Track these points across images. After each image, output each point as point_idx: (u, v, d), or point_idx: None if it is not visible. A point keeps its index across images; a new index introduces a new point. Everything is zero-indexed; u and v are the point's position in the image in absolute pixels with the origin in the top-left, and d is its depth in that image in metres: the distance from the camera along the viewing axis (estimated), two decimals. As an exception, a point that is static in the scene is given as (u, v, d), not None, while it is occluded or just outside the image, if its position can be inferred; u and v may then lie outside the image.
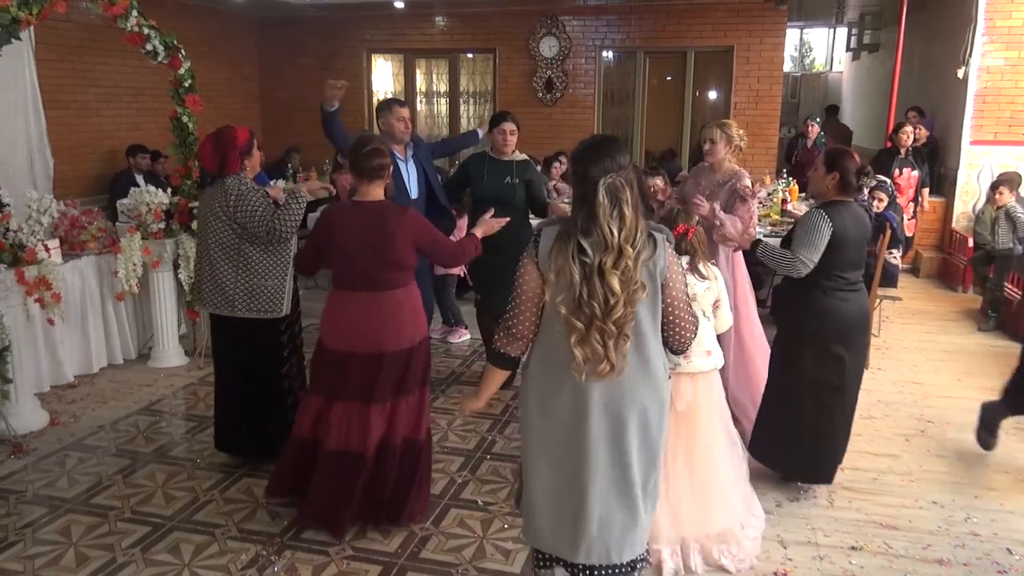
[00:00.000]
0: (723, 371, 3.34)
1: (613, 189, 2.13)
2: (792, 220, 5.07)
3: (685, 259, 3.01)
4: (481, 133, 5.36)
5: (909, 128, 7.25)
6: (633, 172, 2.19)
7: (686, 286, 2.31)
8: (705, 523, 3.06)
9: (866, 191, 5.71)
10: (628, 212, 2.14)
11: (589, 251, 2.13)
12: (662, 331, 2.28)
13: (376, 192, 3.21)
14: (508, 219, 3.73)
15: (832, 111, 12.37)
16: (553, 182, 7.67)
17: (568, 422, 2.25)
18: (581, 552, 2.30)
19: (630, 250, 2.13)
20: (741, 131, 4.26)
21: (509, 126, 4.71)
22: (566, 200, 5.47)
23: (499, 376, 2.44)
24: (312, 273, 3.57)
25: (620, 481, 2.27)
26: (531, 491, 2.36)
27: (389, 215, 3.16)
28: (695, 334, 2.36)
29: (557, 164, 7.93)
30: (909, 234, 7.05)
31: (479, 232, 3.55)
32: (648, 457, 2.29)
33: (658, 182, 4.98)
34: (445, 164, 8.56)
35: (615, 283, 2.11)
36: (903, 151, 7.25)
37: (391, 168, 3.27)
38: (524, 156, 4.82)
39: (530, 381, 2.33)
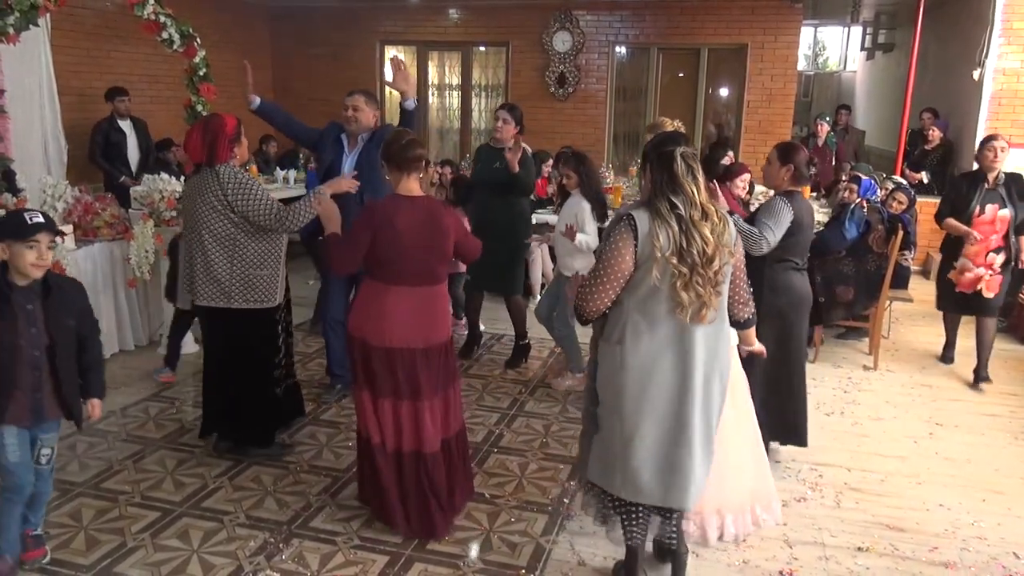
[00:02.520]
0: None
1: (687, 157, 2.53)
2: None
3: None
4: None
5: (998, 145, 4.96)
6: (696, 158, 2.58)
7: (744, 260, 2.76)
8: (720, 496, 3.11)
9: (880, 192, 5.70)
10: (701, 180, 2.55)
11: (679, 205, 2.49)
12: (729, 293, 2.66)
13: (414, 185, 3.15)
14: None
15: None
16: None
17: (671, 382, 2.56)
18: (691, 498, 2.62)
19: (712, 209, 2.53)
20: (679, 122, 4.50)
21: (503, 114, 5.05)
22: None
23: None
24: (352, 271, 3.27)
25: (707, 431, 2.62)
26: (632, 455, 2.60)
27: (440, 210, 3.19)
28: (751, 295, 2.78)
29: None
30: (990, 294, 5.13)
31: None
32: (719, 410, 2.68)
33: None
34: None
35: (707, 233, 2.48)
36: (990, 179, 4.99)
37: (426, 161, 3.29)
38: (522, 146, 5.02)
39: (627, 356, 2.57)
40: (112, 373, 4.97)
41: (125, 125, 7.10)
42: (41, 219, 2.67)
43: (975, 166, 5.31)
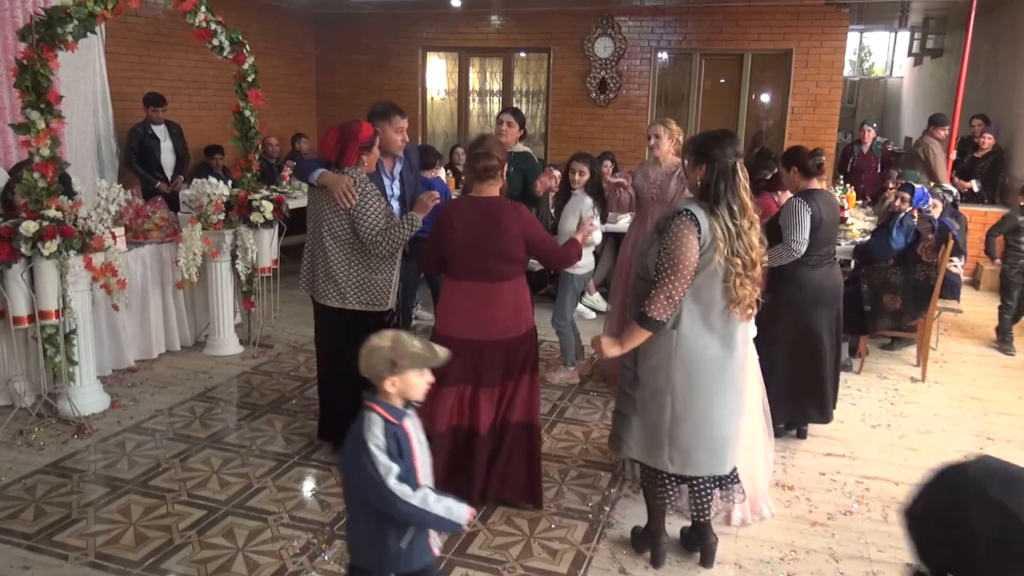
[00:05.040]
0: None
1: (743, 170, 2.78)
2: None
3: None
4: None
5: None
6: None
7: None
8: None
9: (932, 201, 5.57)
10: (748, 187, 2.81)
11: (737, 214, 2.75)
12: None
13: (488, 189, 3.30)
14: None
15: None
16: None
17: (718, 361, 2.83)
18: (728, 463, 2.97)
19: (756, 216, 2.81)
20: (678, 127, 4.89)
21: (507, 117, 5.15)
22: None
23: (643, 335, 2.84)
24: (434, 271, 3.51)
25: (739, 405, 2.96)
26: (681, 434, 2.86)
27: (500, 209, 3.25)
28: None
29: (608, 163, 7.90)
30: None
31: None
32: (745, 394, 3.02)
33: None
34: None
35: (755, 239, 2.78)
36: None
37: (504, 168, 3.35)
38: (525, 149, 5.21)
39: (684, 341, 2.81)
40: (159, 373, 5.11)
41: (159, 130, 7.14)
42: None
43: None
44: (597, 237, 4.91)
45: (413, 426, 2.15)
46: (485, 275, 3.25)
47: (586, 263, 5.12)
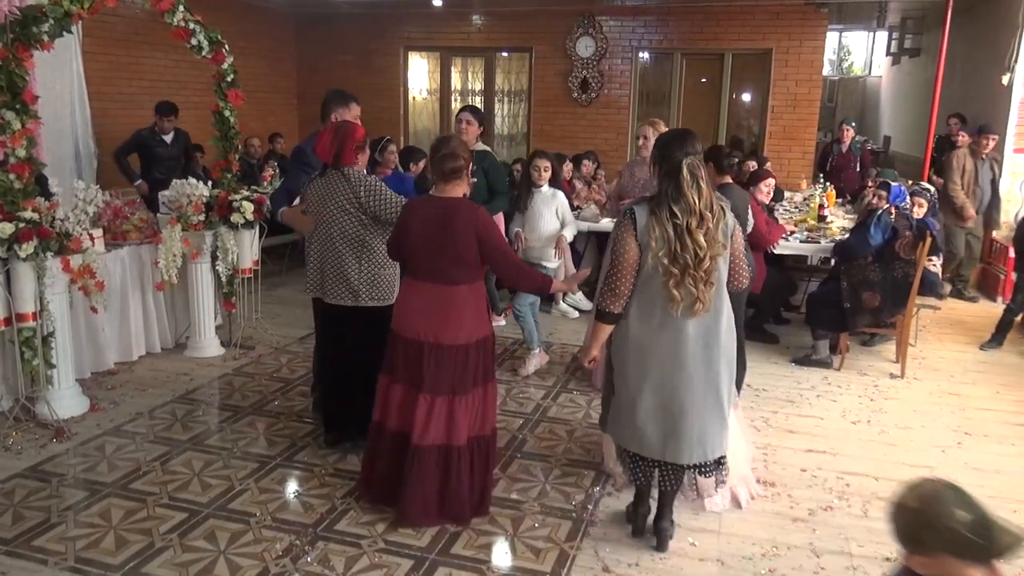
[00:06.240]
0: None
1: (693, 167, 2.80)
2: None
3: None
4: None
5: None
6: (702, 158, 2.88)
7: (745, 241, 3.13)
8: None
9: (909, 199, 5.64)
10: (704, 186, 2.81)
11: (679, 214, 2.78)
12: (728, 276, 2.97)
13: (453, 190, 3.26)
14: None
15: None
16: (581, 181, 7.71)
17: (667, 354, 2.90)
18: (685, 455, 2.98)
19: (709, 215, 2.80)
20: (666, 127, 4.93)
21: (466, 116, 5.16)
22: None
23: (606, 330, 3.02)
24: (397, 259, 3.58)
25: (714, 396, 2.95)
26: (636, 415, 2.99)
27: (456, 211, 3.18)
28: (749, 278, 3.07)
29: (586, 163, 7.95)
30: None
31: (559, 286, 3.90)
32: (729, 372, 3.00)
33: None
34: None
35: (701, 239, 2.78)
36: None
37: (469, 168, 3.35)
38: (484, 147, 5.27)
39: (630, 330, 2.95)
40: (139, 375, 5.07)
41: (167, 136, 7.09)
42: None
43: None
44: (569, 234, 5.21)
45: None
46: (438, 277, 3.21)
47: (552, 265, 5.20)
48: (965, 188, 7.17)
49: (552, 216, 5.23)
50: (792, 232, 6.20)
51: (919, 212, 5.59)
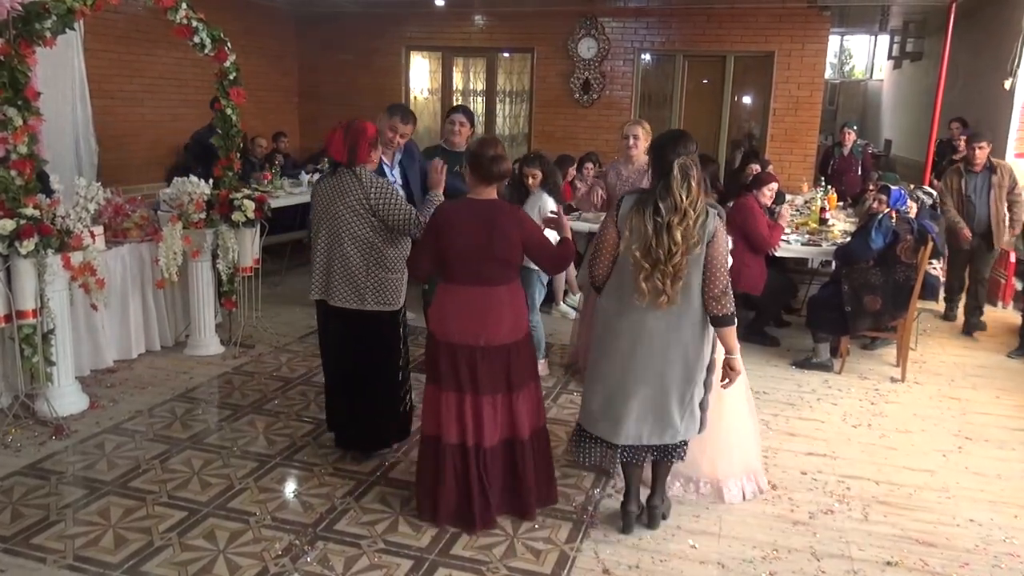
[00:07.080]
0: None
1: (684, 167, 2.87)
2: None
3: None
4: None
5: None
6: (696, 157, 2.94)
7: (728, 252, 3.06)
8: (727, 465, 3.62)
9: (909, 202, 5.63)
10: (694, 185, 2.88)
11: (663, 212, 2.87)
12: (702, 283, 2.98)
13: (489, 192, 3.25)
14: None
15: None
16: (583, 183, 7.69)
17: (626, 341, 3.05)
18: (620, 435, 3.13)
19: (692, 213, 2.87)
20: (649, 126, 5.03)
21: (459, 117, 5.14)
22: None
23: (592, 298, 3.34)
24: (424, 277, 3.50)
25: (659, 392, 3.06)
26: (593, 394, 3.18)
27: (499, 212, 3.20)
28: (724, 292, 2.97)
29: (588, 165, 7.94)
30: None
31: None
32: (685, 375, 3.05)
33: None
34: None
35: (678, 236, 2.85)
36: None
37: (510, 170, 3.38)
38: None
39: (602, 310, 3.13)
40: (139, 373, 5.06)
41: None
42: None
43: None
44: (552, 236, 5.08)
45: None
46: (482, 279, 3.18)
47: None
48: (957, 206, 6.75)
49: (536, 216, 5.19)
50: (795, 230, 6.18)
51: (908, 212, 5.57)
